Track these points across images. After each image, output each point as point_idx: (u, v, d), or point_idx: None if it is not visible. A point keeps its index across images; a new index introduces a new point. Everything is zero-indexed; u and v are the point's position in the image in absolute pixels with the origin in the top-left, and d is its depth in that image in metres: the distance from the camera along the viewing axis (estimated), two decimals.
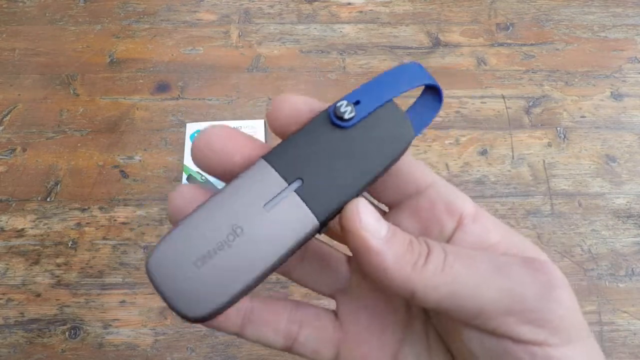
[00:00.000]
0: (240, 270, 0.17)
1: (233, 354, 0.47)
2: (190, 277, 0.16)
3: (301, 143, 0.18)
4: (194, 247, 0.16)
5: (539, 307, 0.16)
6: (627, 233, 0.53)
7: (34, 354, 0.47)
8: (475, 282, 0.16)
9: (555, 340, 0.16)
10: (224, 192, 0.17)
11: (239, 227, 0.17)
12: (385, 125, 0.18)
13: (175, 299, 0.16)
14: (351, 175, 0.18)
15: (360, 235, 0.16)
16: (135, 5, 0.71)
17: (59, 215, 0.54)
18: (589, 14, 0.70)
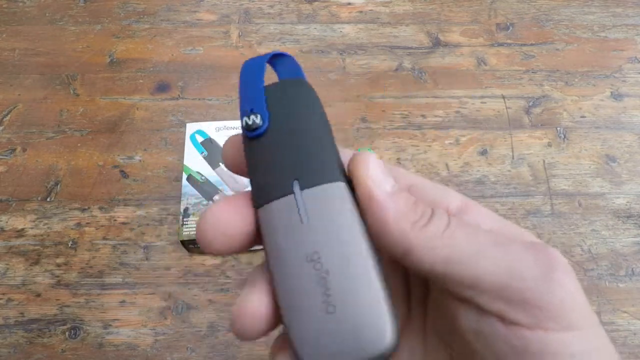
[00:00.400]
0: (361, 279, 0.16)
1: (233, 354, 0.47)
2: (335, 328, 0.15)
3: (262, 168, 0.18)
4: (311, 307, 0.16)
5: (537, 287, 0.15)
6: (627, 233, 0.53)
7: (34, 354, 0.47)
8: (473, 251, 0.16)
9: (552, 324, 0.15)
10: (269, 249, 0.17)
11: (312, 256, 0.16)
12: (289, 99, 0.19)
13: (357, 351, 0.15)
14: (317, 141, 0.18)
15: (366, 183, 0.17)
16: (135, 5, 0.71)
17: (59, 215, 0.54)
18: (589, 14, 0.70)
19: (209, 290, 0.50)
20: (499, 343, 0.16)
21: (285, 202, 0.17)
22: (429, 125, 0.60)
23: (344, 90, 0.63)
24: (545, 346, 0.15)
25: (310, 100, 0.19)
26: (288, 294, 0.16)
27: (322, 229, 0.16)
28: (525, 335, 0.15)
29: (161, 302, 0.49)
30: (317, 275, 0.16)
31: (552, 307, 0.15)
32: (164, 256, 0.52)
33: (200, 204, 0.51)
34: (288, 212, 0.17)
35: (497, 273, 0.15)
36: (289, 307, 0.16)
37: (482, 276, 0.15)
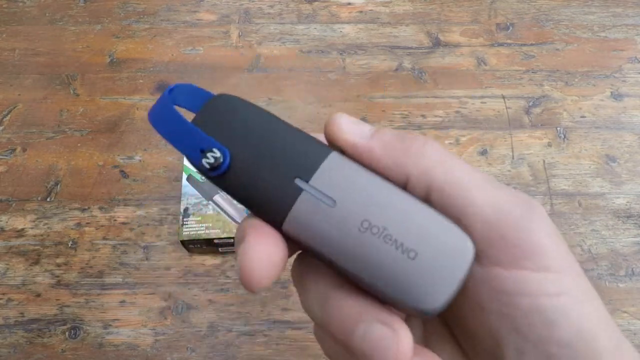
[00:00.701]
0: (415, 214, 0.16)
1: (233, 354, 0.47)
2: (427, 265, 0.15)
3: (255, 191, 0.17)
4: (396, 265, 0.15)
5: (518, 225, 0.15)
6: (627, 233, 0.53)
7: (34, 354, 0.47)
8: (468, 183, 0.16)
9: (528, 263, 0.15)
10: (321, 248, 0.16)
11: (363, 225, 0.16)
12: (226, 119, 0.18)
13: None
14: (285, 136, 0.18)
15: (345, 138, 0.17)
16: (135, 5, 0.71)
17: (59, 215, 0.54)
18: (589, 14, 0.70)
19: (209, 290, 0.50)
20: (479, 287, 0.16)
21: (302, 202, 0.17)
22: (429, 125, 0.60)
23: (344, 90, 0.63)
24: (520, 285, 0.15)
25: (241, 105, 0.18)
26: (368, 268, 0.16)
27: (352, 199, 0.16)
28: (502, 275, 0.15)
29: (161, 302, 0.49)
30: (380, 236, 0.16)
31: (530, 246, 0.15)
32: (164, 256, 0.52)
33: (200, 204, 0.51)
34: (312, 207, 0.16)
35: (484, 208, 0.16)
36: (378, 277, 0.16)
37: (471, 209, 0.16)
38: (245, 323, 0.49)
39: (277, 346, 0.48)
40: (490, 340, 0.16)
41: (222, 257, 0.52)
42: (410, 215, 0.16)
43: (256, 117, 0.18)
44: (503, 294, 0.15)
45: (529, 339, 0.15)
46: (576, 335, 0.15)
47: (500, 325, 0.16)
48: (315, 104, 0.62)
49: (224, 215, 0.50)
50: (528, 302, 0.15)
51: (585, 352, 0.15)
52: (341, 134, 0.17)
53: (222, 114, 0.18)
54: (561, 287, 0.15)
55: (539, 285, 0.15)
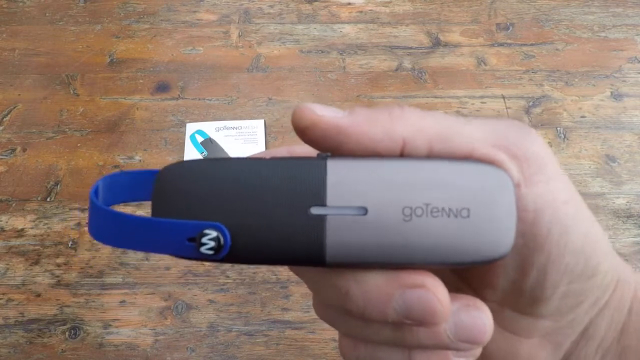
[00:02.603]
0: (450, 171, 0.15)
1: (233, 354, 0.47)
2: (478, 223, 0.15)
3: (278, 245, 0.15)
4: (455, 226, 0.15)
5: (520, 143, 0.16)
6: (627, 233, 0.53)
7: (34, 354, 0.47)
8: (459, 123, 0.16)
9: (540, 176, 0.16)
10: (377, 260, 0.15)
11: (404, 213, 0.15)
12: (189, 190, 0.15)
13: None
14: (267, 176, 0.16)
15: (322, 121, 0.16)
16: (135, 5, 0.71)
17: (59, 215, 0.54)
18: (589, 14, 0.70)
19: (209, 290, 0.50)
20: None
21: (331, 228, 0.15)
22: None
23: (344, 90, 0.63)
24: (540, 199, 0.16)
25: (201, 167, 0.16)
26: (435, 250, 0.15)
27: (380, 196, 0.15)
28: (522, 194, 0.16)
29: (161, 302, 0.49)
30: (426, 214, 0.15)
31: (537, 158, 0.16)
32: (164, 256, 0.52)
33: None
34: (346, 227, 0.15)
35: (486, 136, 0.16)
36: (448, 252, 0.15)
37: (477, 141, 0.16)
38: (245, 323, 0.49)
39: (277, 346, 0.48)
40: (513, 270, 0.17)
41: None
42: (440, 178, 0.15)
43: (223, 171, 0.15)
44: (525, 212, 0.16)
45: (551, 254, 0.16)
46: (585, 238, 0.16)
47: (524, 246, 0.16)
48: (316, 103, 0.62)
49: None
50: (548, 214, 0.16)
51: (595, 254, 0.16)
52: (319, 117, 0.16)
53: (181, 188, 0.15)
54: (568, 193, 0.16)
55: (553, 195, 0.16)
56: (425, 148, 0.16)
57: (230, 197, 0.15)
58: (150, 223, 0.15)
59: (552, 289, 0.16)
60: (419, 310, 0.15)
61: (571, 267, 0.16)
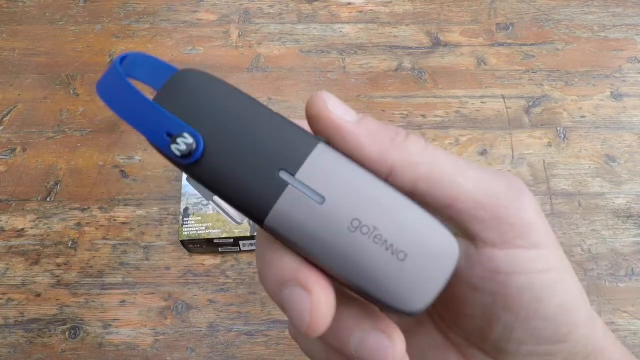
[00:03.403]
0: (406, 215, 0.15)
1: (233, 354, 0.47)
2: (415, 266, 0.15)
3: (233, 184, 0.16)
4: (386, 267, 0.15)
5: (509, 205, 0.16)
6: (627, 233, 0.53)
7: (34, 354, 0.47)
8: (454, 170, 0.16)
9: (521, 242, 0.16)
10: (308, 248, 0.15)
11: (353, 225, 0.15)
12: (196, 98, 0.16)
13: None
14: (264, 121, 0.16)
15: (329, 117, 0.16)
16: (135, 5, 0.71)
17: (59, 215, 0.54)
18: (589, 14, 0.70)
19: (209, 290, 0.50)
20: (473, 269, 0.16)
21: (288, 196, 0.15)
22: (429, 125, 0.60)
23: (344, 90, 0.63)
24: (515, 264, 0.16)
25: (213, 85, 0.16)
26: (358, 270, 0.15)
27: (342, 197, 0.15)
28: (497, 255, 0.16)
29: (161, 302, 0.49)
30: (370, 236, 0.15)
31: (522, 224, 0.16)
32: (164, 256, 0.52)
33: (200, 204, 0.51)
34: (299, 203, 0.15)
35: (474, 191, 0.16)
36: (367, 280, 0.15)
37: (462, 194, 0.16)
38: (245, 323, 0.49)
39: (277, 346, 0.48)
40: (480, 319, 0.17)
41: (222, 257, 0.52)
42: (401, 215, 0.15)
43: (232, 98, 0.16)
44: (498, 273, 0.16)
45: (519, 316, 0.16)
46: (560, 308, 0.16)
47: (492, 303, 0.16)
48: None
49: (224, 215, 0.50)
50: (521, 280, 0.16)
51: (567, 323, 0.16)
52: (327, 112, 0.16)
53: (190, 92, 0.16)
54: (550, 263, 0.16)
55: (532, 262, 0.16)
56: (409, 184, 0.16)
57: (223, 121, 0.16)
58: (148, 103, 0.16)
59: (517, 345, 0.16)
60: (290, 309, 0.15)
61: (539, 331, 0.16)
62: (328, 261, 0.15)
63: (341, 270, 0.15)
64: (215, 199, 0.51)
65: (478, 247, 0.16)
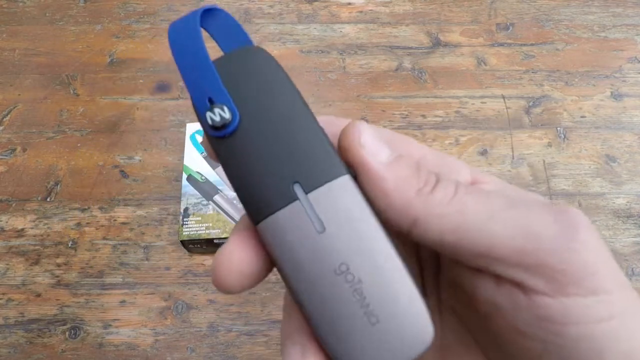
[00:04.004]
0: (395, 282, 0.15)
1: (233, 354, 0.47)
2: (381, 337, 0.14)
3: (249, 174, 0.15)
4: (353, 323, 0.14)
5: (557, 248, 0.14)
6: (627, 233, 0.53)
7: (34, 354, 0.47)
8: (485, 215, 0.14)
9: (575, 289, 0.14)
10: (288, 267, 0.15)
11: (340, 268, 0.15)
12: (251, 77, 0.16)
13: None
14: (303, 128, 0.15)
15: (358, 153, 0.15)
16: (135, 5, 0.71)
17: (59, 215, 0.54)
18: (589, 14, 0.70)
19: (209, 290, 0.50)
20: (520, 313, 0.14)
21: (291, 211, 0.15)
22: (429, 125, 0.60)
23: (344, 90, 0.63)
24: (569, 313, 0.14)
25: (276, 74, 0.16)
26: (324, 314, 0.14)
27: (342, 236, 0.15)
28: (547, 303, 0.14)
29: (161, 302, 0.49)
30: (351, 287, 0.14)
31: (574, 270, 0.14)
32: (164, 256, 0.52)
33: (200, 204, 0.51)
34: (299, 222, 0.15)
35: (512, 237, 0.14)
36: (328, 329, 0.14)
37: (497, 242, 0.14)
38: (245, 323, 0.49)
39: (277, 346, 0.48)
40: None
41: None
42: (390, 281, 0.14)
43: (284, 92, 0.16)
44: (549, 322, 0.14)
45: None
46: (624, 356, 0.14)
47: (544, 350, 0.14)
48: (316, 104, 0.62)
49: (224, 215, 0.50)
50: (578, 330, 0.14)
51: None
52: (359, 148, 0.15)
53: (249, 70, 0.16)
54: (612, 310, 0.14)
55: (589, 310, 0.14)
56: (436, 236, 0.15)
57: (266, 110, 0.15)
58: (206, 62, 0.15)
59: None
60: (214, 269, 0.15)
61: None
62: (301, 292, 0.15)
63: (309, 306, 0.15)
64: (215, 199, 0.51)
65: (525, 293, 0.14)
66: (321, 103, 0.61)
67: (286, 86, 0.16)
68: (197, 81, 0.15)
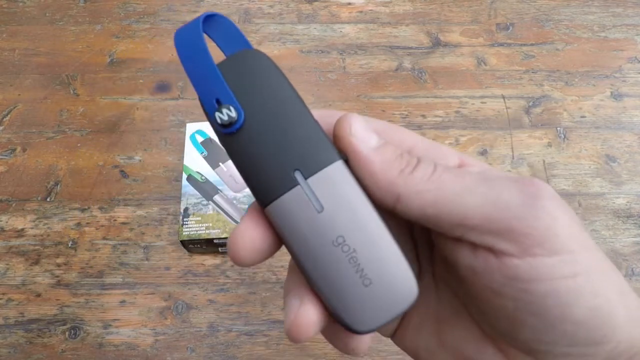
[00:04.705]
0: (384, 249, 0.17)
1: (233, 354, 0.47)
2: (375, 296, 0.17)
3: (255, 165, 0.17)
4: (351, 285, 0.17)
5: (522, 214, 0.15)
6: (627, 233, 0.53)
7: (34, 354, 0.47)
8: (459, 189, 0.16)
9: (539, 250, 0.15)
10: (294, 243, 0.17)
11: (337, 240, 0.17)
12: (252, 79, 0.18)
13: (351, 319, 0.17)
14: (301, 122, 0.18)
15: (349, 141, 0.17)
16: (135, 5, 0.71)
17: (59, 215, 0.54)
18: (589, 14, 0.70)
19: (209, 290, 0.50)
20: (493, 275, 0.16)
21: (293, 195, 0.17)
22: (429, 125, 0.60)
23: (344, 90, 0.63)
24: (535, 272, 0.15)
25: (274, 75, 0.18)
26: (326, 279, 0.17)
27: (339, 213, 0.17)
28: (515, 264, 0.16)
29: (161, 302, 0.49)
30: (347, 256, 0.17)
31: (538, 232, 0.15)
32: (164, 256, 0.52)
33: (200, 204, 0.51)
34: (300, 204, 0.17)
35: (483, 206, 0.16)
36: (330, 291, 0.17)
37: (470, 212, 0.16)
38: (245, 323, 0.49)
39: (277, 346, 0.48)
40: (506, 321, 0.17)
41: (222, 257, 0.52)
42: (380, 248, 0.17)
43: (281, 90, 0.18)
44: (518, 281, 0.16)
45: (546, 319, 0.16)
46: (590, 313, 0.15)
47: (516, 308, 0.16)
48: (315, 104, 0.62)
49: (224, 215, 0.50)
50: (544, 287, 0.15)
51: (601, 327, 0.16)
52: (350, 136, 0.17)
53: (250, 72, 0.18)
54: (575, 268, 0.15)
55: (553, 269, 0.15)
56: (417, 210, 0.17)
57: (267, 108, 0.17)
58: (212, 66, 0.17)
59: (549, 346, 0.16)
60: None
61: (570, 334, 0.16)
62: (306, 262, 0.17)
63: (314, 274, 0.17)
64: (215, 199, 0.51)
65: (496, 256, 0.16)
66: (321, 103, 0.61)
67: (284, 85, 0.18)
68: (205, 85, 0.17)
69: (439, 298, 0.20)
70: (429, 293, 0.20)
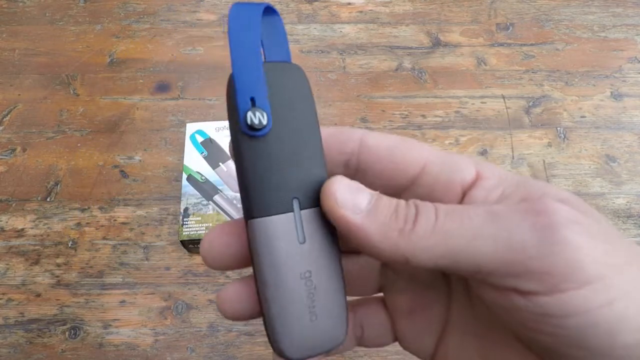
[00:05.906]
0: (337, 293, 0.18)
1: (233, 354, 0.47)
2: (314, 331, 0.18)
3: (259, 177, 0.17)
4: (300, 317, 0.18)
5: (539, 254, 0.14)
6: (627, 233, 0.53)
7: (34, 354, 0.47)
8: (468, 236, 0.15)
9: (567, 285, 0.14)
10: (265, 262, 0.17)
11: (305, 274, 0.18)
12: (288, 93, 0.18)
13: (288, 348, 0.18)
14: (315, 153, 0.18)
15: (338, 214, 0.16)
16: (135, 5, 0.71)
17: (59, 215, 0.54)
18: (589, 14, 0.70)
19: (209, 290, 0.50)
20: (522, 313, 0.15)
21: (284, 219, 0.17)
22: (429, 125, 0.60)
23: (344, 90, 0.63)
24: (567, 307, 0.14)
25: (308, 97, 0.18)
26: (282, 304, 0.17)
27: (316, 250, 0.17)
28: (545, 302, 0.15)
29: (161, 302, 0.49)
30: (307, 290, 0.18)
31: (560, 268, 0.14)
32: (164, 256, 0.52)
33: (200, 204, 0.51)
34: (287, 230, 0.17)
35: (496, 252, 0.15)
36: (280, 315, 0.17)
37: (483, 259, 0.15)
38: (245, 323, 0.49)
39: None
40: (548, 352, 0.16)
41: None
42: (335, 292, 0.18)
43: (307, 116, 0.18)
44: (551, 317, 0.15)
45: (592, 350, 0.15)
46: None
47: (555, 342, 0.15)
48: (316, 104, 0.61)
49: (223, 215, 0.50)
50: (580, 320, 0.14)
51: None
52: (338, 210, 0.16)
53: (288, 85, 0.18)
54: (610, 294, 0.14)
55: (586, 300, 0.14)
56: (430, 265, 0.16)
57: (292, 124, 0.17)
58: (259, 66, 0.17)
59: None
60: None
61: (625, 357, 0.15)
62: (268, 282, 0.17)
63: (271, 294, 0.17)
64: (215, 199, 0.51)
65: (524, 296, 0.15)
66: (321, 103, 0.61)
67: (310, 109, 0.18)
68: (248, 80, 0.17)
69: (475, 315, 0.19)
70: (464, 310, 0.20)
